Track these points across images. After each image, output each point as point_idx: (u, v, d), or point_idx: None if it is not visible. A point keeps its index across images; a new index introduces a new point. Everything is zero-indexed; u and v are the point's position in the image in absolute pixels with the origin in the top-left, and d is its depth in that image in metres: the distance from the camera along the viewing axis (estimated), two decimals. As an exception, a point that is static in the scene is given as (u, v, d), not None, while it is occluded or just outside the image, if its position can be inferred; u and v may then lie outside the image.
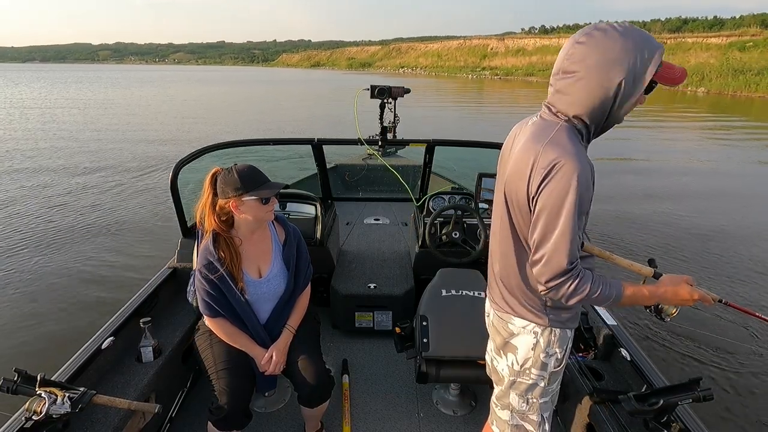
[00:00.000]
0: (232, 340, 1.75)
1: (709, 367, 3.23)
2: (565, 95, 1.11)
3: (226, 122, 17.02)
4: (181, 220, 2.53)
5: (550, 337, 1.25)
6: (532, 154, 1.10)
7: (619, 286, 1.13)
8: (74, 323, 3.71)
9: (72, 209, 6.43)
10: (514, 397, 1.34)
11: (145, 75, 77.71)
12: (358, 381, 2.35)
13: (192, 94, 32.23)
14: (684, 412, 1.53)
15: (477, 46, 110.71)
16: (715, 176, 9.68)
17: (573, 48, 1.08)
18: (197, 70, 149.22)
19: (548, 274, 1.09)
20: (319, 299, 2.71)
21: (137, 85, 43.60)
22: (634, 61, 1.04)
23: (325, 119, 18.33)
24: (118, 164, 9.34)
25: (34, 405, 1.31)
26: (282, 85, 50.63)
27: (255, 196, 1.61)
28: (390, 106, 2.89)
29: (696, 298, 1.17)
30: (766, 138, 15.12)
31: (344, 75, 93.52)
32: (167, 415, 2.02)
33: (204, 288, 1.69)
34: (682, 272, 1.25)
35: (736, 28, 66.39)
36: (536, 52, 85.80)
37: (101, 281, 4.42)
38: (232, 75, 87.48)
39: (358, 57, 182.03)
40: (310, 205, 2.71)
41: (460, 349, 1.85)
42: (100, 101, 25.25)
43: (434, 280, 2.23)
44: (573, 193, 1.04)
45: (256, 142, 2.85)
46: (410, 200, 3.11)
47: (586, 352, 1.99)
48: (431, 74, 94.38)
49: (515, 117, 13.88)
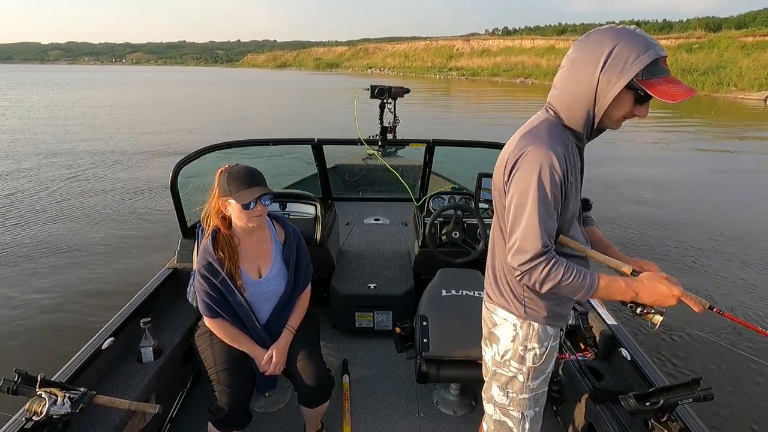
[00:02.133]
0: (232, 340, 1.75)
1: (709, 367, 3.23)
2: (555, 89, 1.17)
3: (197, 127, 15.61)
4: (181, 221, 2.53)
5: (529, 330, 1.27)
6: (511, 145, 1.17)
7: (594, 276, 1.12)
8: (74, 323, 3.71)
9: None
10: (495, 389, 1.37)
11: (102, 76, 73.23)
12: (358, 381, 2.35)
13: (165, 96, 31.16)
14: (684, 411, 1.53)
15: (443, 47, 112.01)
16: (656, 164, 10.49)
17: (573, 45, 1.13)
18: (159, 71, 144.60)
19: (519, 259, 1.11)
20: (319, 299, 2.71)
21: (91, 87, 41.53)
22: (617, 60, 1.04)
23: (301, 118, 18.09)
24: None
25: (34, 405, 1.30)
26: (254, 85, 49.62)
27: (235, 200, 1.60)
28: (390, 107, 2.89)
29: (676, 294, 1.09)
30: (708, 131, 16.36)
31: (312, 76, 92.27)
32: (167, 415, 2.02)
33: (204, 288, 1.69)
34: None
35: (683, 30, 71.54)
36: (500, 53, 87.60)
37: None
38: (196, 76, 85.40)
39: (325, 57, 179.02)
40: (310, 205, 2.70)
41: (460, 349, 1.85)
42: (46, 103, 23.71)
43: (434, 280, 2.23)
44: (536, 179, 1.07)
45: (255, 143, 2.85)
46: (410, 200, 3.11)
47: (586, 352, 1.99)
48: (399, 75, 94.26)
49: (485, 116, 13.77)
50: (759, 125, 18.89)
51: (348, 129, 2.92)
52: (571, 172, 1.14)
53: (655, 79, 1.05)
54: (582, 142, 1.20)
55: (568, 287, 1.11)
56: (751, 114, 23.75)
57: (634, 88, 1.05)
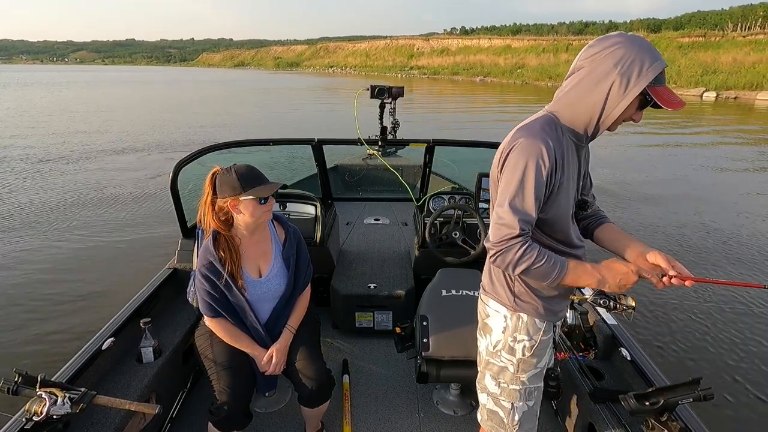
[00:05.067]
0: (233, 340, 1.75)
1: (709, 367, 3.24)
2: (563, 90, 1.20)
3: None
4: (181, 221, 2.54)
5: (518, 322, 1.31)
6: (507, 138, 1.21)
7: (563, 261, 1.18)
8: (74, 323, 3.71)
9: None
10: (488, 378, 1.41)
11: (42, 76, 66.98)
12: (358, 381, 2.35)
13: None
14: (684, 411, 1.53)
15: (403, 46, 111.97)
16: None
17: (584, 51, 1.16)
18: (109, 70, 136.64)
19: (495, 237, 1.16)
20: (319, 299, 2.71)
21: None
22: (635, 65, 1.08)
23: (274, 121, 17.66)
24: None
25: (34, 406, 1.30)
26: (218, 85, 47.73)
27: (251, 195, 1.61)
28: (390, 107, 2.89)
29: (634, 270, 1.14)
30: (653, 123, 17.26)
31: (274, 75, 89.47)
32: (168, 415, 2.02)
33: (204, 288, 1.69)
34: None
35: (627, 31, 75.49)
36: (459, 52, 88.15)
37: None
38: (147, 75, 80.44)
39: (285, 56, 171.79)
40: (310, 205, 2.71)
41: (461, 349, 1.85)
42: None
43: (434, 280, 2.23)
44: (523, 166, 1.13)
45: (255, 143, 2.85)
46: (410, 200, 3.11)
47: (586, 352, 1.99)
48: (361, 73, 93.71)
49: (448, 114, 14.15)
50: (698, 117, 21.55)
51: (348, 129, 2.91)
52: (561, 168, 1.17)
53: (659, 87, 1.10)
54: (582, 142, 1.22)
55: (539, 271, 1.16)
56: (690, 108, 25.83)
57: (644, 93, 1.10)
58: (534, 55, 69.06)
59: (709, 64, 43.17)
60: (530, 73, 61.28)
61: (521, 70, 64.91)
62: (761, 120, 20.71)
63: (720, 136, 15.01)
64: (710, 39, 50.10)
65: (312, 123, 17.08)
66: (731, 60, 42.17)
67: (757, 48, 42.93)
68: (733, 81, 37.55)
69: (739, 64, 40.83)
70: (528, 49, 72.88)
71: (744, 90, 35.29)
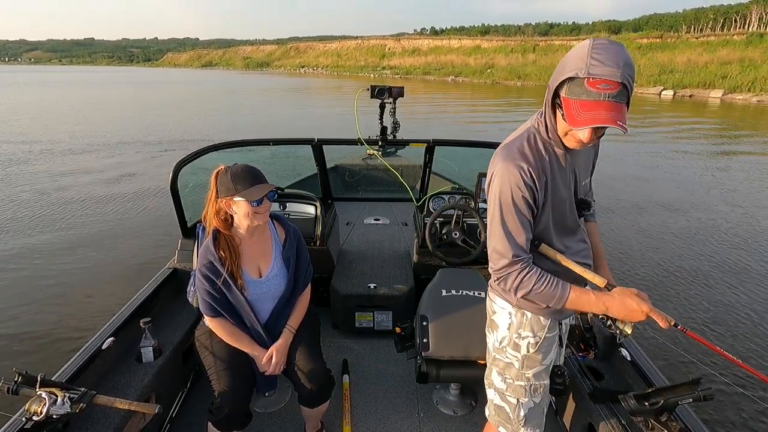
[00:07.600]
0: (233, 340, 1.74)
1: (708, 366, 3.23)
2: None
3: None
4: (181, 221, 2.53)
5: (522, 319, 1.33)
6: (492, 157, 1.25)
7: (566, 287, 1.18)
8: (74, 323, 3.71)
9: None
10: (495, 374, 1.43)
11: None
12: (358, 381, 2.35)
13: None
14: (684, 411, 1.53)
15: (375, 46, 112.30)
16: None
17: None
18: (70, 71, 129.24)
19: (494, 266, 1.22)
20: (319, 299, 2.71)
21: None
22: (559, 66, 1.08)
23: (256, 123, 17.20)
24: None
25: (34, 405, 1.30)
26: (194, 86, 46.48)
27: (242, 197, 1.60)
28: (390, 107, 2.89)
29: (645, 310, 1.11)
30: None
31: (244, 75, 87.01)
32: (167, 415, 2.02)
33: (204, 288, 1.69)
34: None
35: (590, 33, 79.95)
36: (430, 52, 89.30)
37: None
38: (111, 76, 76.07)
39: (254, 56, 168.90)
40: (310, 205, 2.70)
41: (460, 349, 1.85)
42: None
43: (434, 280, 2.23)
44: (499, 196, 1.16)
45: (255, 143, 2.85)
46: (410, 200, 3.11)
47: (586, 352, 1.99)
48: (334, 74, 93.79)
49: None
50: (656, 113, 23.67)
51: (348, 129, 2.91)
52: (544, 186, 1.17)
53: (572, 99, 1.02)
54: (565, 150, 1.19)
55: (540, 296, 1.19)
56: (651, 105, 28.50)
57: (558, 102, 1.08)
58: (503, 56, 70.14)
59: (666, 64, 45.54)
60: (500, 73, 62.38)
61: (491, 70, 65.84)
62: (714, 115, 23.41)
63: (676, 131, 16.60)
64: (666, 40, 52.92)
65: (311, 123, 17.05)
66: (686, 60, 44.69)
67: (709, 49, 45.45)
68: (688, 80, 39.97)
69: (693, 64, 43.27)
70: (497, 50, 73.98)
71: (698, 88, 37.76)
